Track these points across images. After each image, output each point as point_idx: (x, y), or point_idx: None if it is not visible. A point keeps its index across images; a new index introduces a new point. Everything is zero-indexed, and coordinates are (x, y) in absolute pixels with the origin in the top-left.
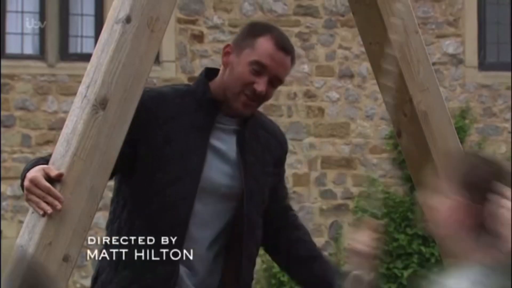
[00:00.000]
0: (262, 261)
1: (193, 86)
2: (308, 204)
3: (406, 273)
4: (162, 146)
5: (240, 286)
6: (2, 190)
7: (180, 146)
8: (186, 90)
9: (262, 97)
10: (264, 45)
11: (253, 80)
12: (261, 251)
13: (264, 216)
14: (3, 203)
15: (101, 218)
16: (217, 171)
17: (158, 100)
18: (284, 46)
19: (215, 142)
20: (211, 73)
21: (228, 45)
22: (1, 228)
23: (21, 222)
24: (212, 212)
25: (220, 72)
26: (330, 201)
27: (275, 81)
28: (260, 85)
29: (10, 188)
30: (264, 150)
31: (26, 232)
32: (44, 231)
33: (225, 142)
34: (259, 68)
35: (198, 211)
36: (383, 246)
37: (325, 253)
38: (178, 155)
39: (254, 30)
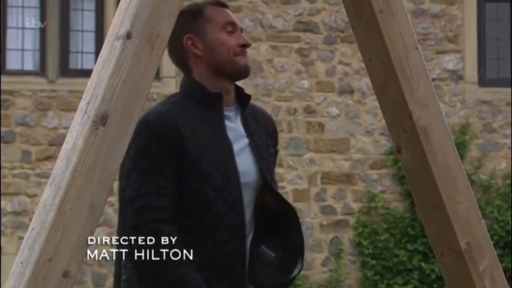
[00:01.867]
0: None
1: (185, 91)
2: (308, 220)
3: None
4: (198, 160)
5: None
6: (2, 206)
7: (210, 152)
8: (182, 98)
9: (249, 46)
10: (215, 13)
11: (235, 40)
12: None
13: None
14: (3, 219)
15: (101, 234)
16: (246, 163)
17: (170, 120)
18: (223, 3)
19: (229, 134)
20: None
21: (188, 37)
22: (1, 244)
23: (21, 238)
24: (250, 202)
25: (195, 67)
26: (330, 216)
27: (241, 29)
28: (242, 38)
29: (10, 204)
30: (265, 132)
31: (26, 248)
32: (44, 247)
33: (235, 131)
34: (231, 27)
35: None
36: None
37: (326, 269)
38: (213, 163)
39: (194, 12)
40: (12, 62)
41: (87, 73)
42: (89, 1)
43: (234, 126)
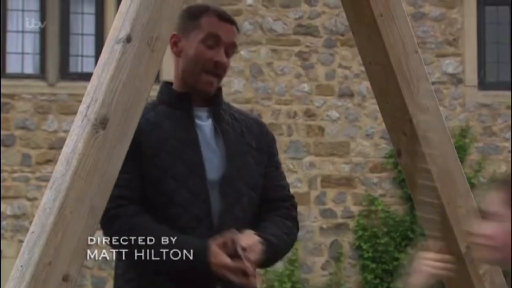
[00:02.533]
0: (262, 280)
1: (158, 94)
2: (308, 223)
3: None
4: (158, 153)
5: None
6: (2, 209)
7: (172, 146)
8: (153, 102)
9: (223, 68)
10: (209, 21)
11: (210, 55)
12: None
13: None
14: (3, 223)
15: (101, 237)
16: (210, 161)
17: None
18: (227, 17)
19: (198, 130)
20: (168, 83)
21: (173, 35)
22: (1, 248)
23: (21, 241)
24: (220, 198)
25: (174, 65)
26: (330, 220)
27: (230, 48)
28: (219, 55)
29: (10, 208)
30: (242, 128)
31: (26, 252)
32: (44, 251)
33: (206, 129)
34: (212, 41)
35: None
36: (384, 265)
37: (326, 273)
38: (175, 155)
39: (194, 12)
40: (12, 65)
41: (87, 77)
42: (89, 5)
43: (205, 124)
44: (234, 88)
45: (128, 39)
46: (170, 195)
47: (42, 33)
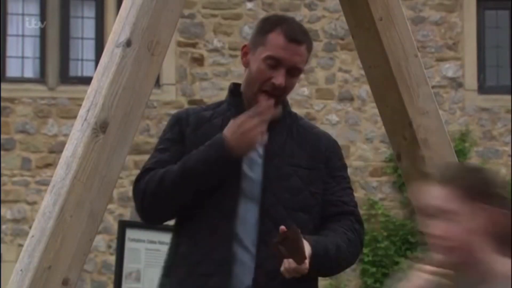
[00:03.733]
0: None
1: (226, 97)
2: None
3: None
4: (196, 147)
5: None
6: (2, 213)
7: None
8: (219, 102)
9: (282, 90)
10: (274, 41)
11: (270, 75)
12: None
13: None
14: (3, 227)
15: (101, 241)
16: (248, 166)
17: (187, 113)
18: (294, 37)
19: None
20: (239, 86)
21: (245, 46)
22: (1, 252)
23: (20, 245)
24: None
25: (244, 75)
26: None
27: (294, 70)
28: (278, 78)
29: (9, 212)
30: (294, 147)
31: (26, 256)
32: (44, 255)
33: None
34: (274, 63)
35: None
36: (385, 270)
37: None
38: None
39: (265, 27)
40: (12, 69)
41: (87, 81)
42: (89, 9)
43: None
44: None
45: (128, 43)
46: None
47: (42, 37)
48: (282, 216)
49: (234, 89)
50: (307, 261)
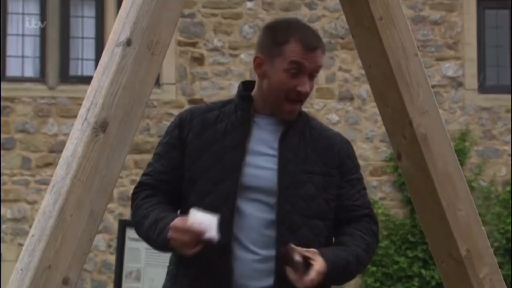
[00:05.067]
0: None
1: (234, 97)
2: None
3: None
4: (201, 154)
5: None
6: (2, 212)
7: (218, 150)
8: (227, 100)
9: (306, 95)
10: (293, 51)
11: (294, 84)
12: None
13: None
14: (3, 226)
15: (101, 240)
16: (258, 168)
17: (191, 114)
18: (311, 44)
19: (253, 139)
20: (248, 84)
21: (257, 57)
22: (1, 251)
23: (20, 245)
24: (256, 210)
25: (257, 83)
26: None
27: (313, 74)
28: (304, 86)
29: (9, 211)
30: (308, 151)
31: (26, 255)
32: (44, 254)
33: (262, 139)
34: (296, 69)
35: (242, 210)
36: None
37: None
38: (216, 159)
39: (278, 37)
40: (12, 69)
41: (87, 80)
42: (89, 8)
43: (263, 134)
44: (234, 91)
45: (128, 43)
46: (202, 197)
47: (42, 36)
48: (298, 224)
49: (244, 92)
50: (307, 278)
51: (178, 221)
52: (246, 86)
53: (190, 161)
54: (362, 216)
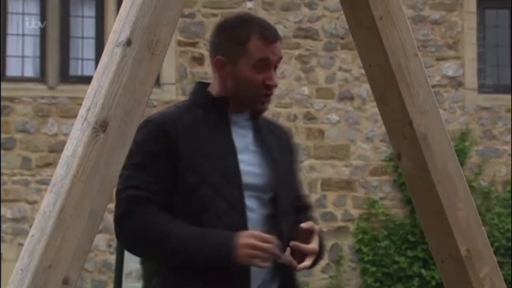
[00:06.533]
0: None
1: (192, 98)
2: None
3: None
4: (195, 159)
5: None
6: (2, 212)
7: (210, 153)
8: (187, 104)
9: (275, 87)
10: (257, 48)
11: (262, 78)
12: None
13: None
14: (3, 226)
15: (101, 240)
16: (250, 165)
17: (169, 120)
18: (272, 37)
19: (235, 137)
20: (203, 85)
21: (218, 59)
22: (1, 251)
23: (20, 244)
24: (260, 206)
25: (219, 84)
26: (330, 223)
27: (277, 64)
28: (272, 79)
29: (10, 211)
30: (278, 140)
31: (26, 255)
32: (44, 254)
33: (243, 137)
34: (263, 64)
35: (249, 210)
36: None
37: (326, 276)
38: (212, 162)
39: (239, 37)
40: (12, 68)
41: (87, 80)
42: (90, 8)
43: (242, 131)
44: None
45: (128, 43)
46: (207, 204)
47: (42, 36)
48: (289, 214)
49: (203, 89)
50: (304, 263)
51: (257, 232)
52: (202, 87)
53: (186, 167)
54: (310, 207)
